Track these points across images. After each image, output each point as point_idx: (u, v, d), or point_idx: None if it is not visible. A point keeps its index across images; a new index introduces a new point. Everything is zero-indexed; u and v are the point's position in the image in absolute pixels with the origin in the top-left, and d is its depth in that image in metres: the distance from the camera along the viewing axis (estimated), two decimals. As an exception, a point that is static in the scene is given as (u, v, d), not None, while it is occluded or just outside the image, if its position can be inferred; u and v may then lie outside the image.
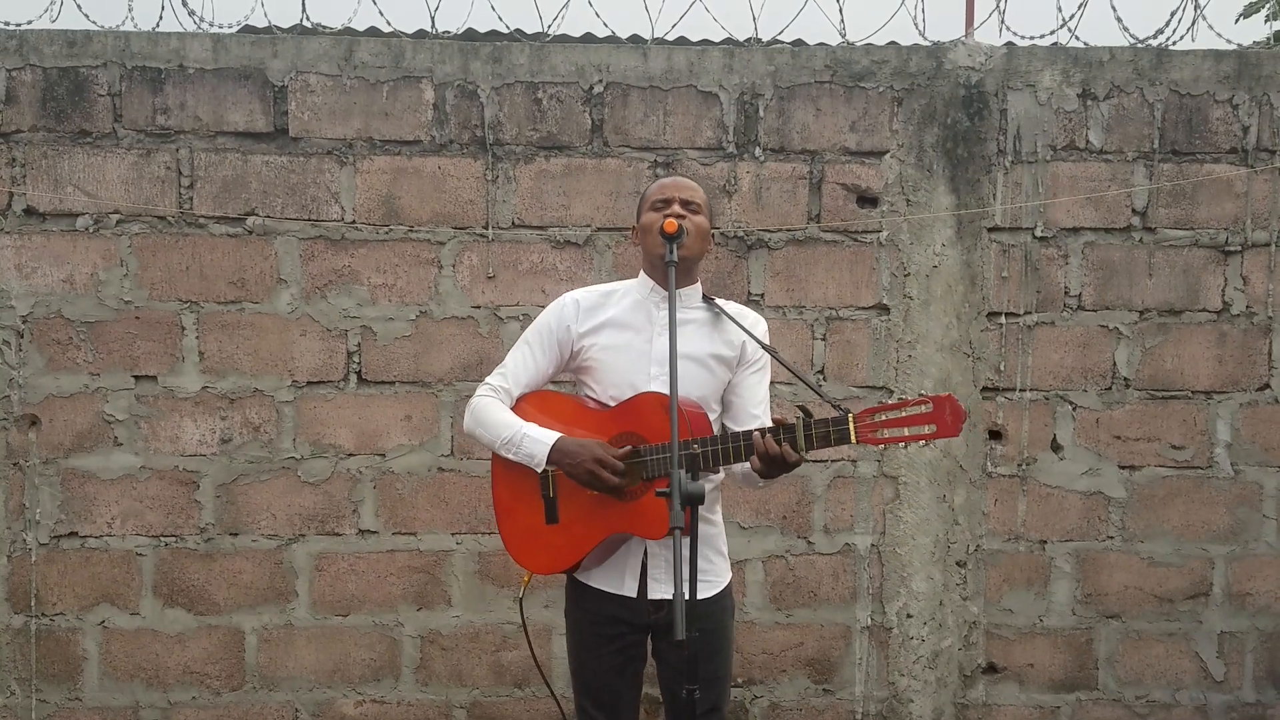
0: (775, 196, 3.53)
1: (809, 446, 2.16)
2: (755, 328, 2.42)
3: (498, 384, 2.43)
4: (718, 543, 2.44)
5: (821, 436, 2.15)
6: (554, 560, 2.38)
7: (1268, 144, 3.55)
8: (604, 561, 2.36)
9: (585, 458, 2.25)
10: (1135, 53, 3.55)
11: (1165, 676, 3.63)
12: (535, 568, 2.41)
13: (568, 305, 2.42)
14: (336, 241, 3.47)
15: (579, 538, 2.33)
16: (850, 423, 2.12)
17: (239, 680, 3.50)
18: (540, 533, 2.37)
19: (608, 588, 2.36)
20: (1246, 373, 3.59)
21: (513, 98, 3.48)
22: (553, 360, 2.43)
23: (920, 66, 3.54)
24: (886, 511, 3.58)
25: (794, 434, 2.16)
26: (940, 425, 2.08)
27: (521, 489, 2.38)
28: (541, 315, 2.46)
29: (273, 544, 3.49)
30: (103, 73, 3.41)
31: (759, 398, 2.42)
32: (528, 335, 2.45)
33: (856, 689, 3.60)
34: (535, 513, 2.37)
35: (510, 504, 2.42)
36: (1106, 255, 3.57)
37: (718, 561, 2.43)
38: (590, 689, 2.43)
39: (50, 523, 3.44)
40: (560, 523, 2.34)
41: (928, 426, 2.09)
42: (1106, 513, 3.60)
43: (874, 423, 2.12)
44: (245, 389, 3.47)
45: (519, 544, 2.41)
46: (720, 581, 2.42)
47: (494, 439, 2.37)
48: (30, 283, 3.42)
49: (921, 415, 2.09)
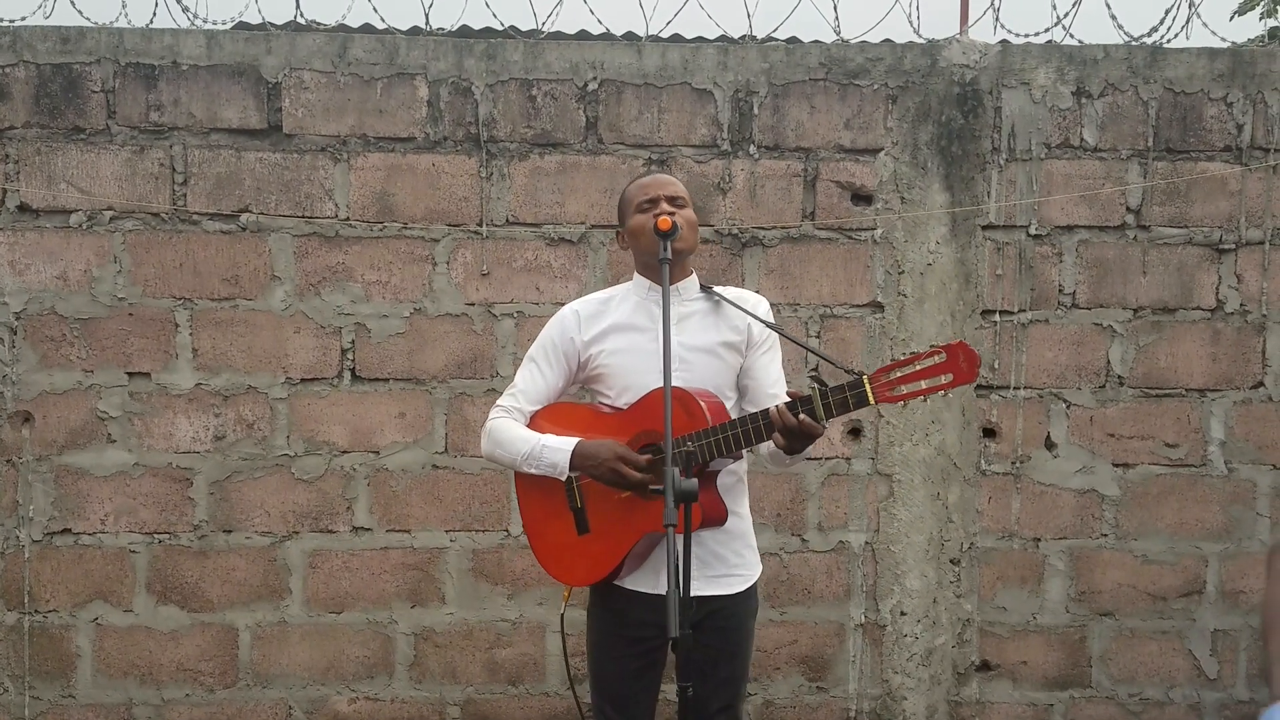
0: (770, 194, 3.53)
1: (828, 415, 2.11)
2: (757, 308, 2.40)
3: (509, 404, 2.42)
4: (748, 537, 2.41)
5: (840, 403, 2.10)
6: (592, 570, 2.34)
7: (1262, 142, 3.55)
8: (642, 564, 2.33)
9: (607, 456, 2.24)
10: (1130, 51, 3.55)
11: (1159, 674, 3.63)
12: (576, 581, 2.38)
13: (568, 317, 2.42)
14: (330, 238, 3.47)
15: (612, 544, 2.30)
16: (866, 384, 2.08)
17: (232, 677, 3.50)
18: (574, 545, 2.35)
19: (643, 588, 2.33)
20: (1240, 371, 3.59)
21: (507, 95, 3.48)
22: (561, 374, 2.41)
23: (915, 64, 3.54)
24: (880, 509, 3.58)
25: (811, 405, 2.12)
26: (956, 372, 2.02)
27: (549, 505, 2.37)
28: (544, 331, 2.44)
29: (266, 541, 3.49)
30: (96, 69, 3.40)
31: (774, 376, 2.40)
32: (533, 353, 2.44)
33: (850, 686, 3.60)
34: (566, 526, 2.35)
35: (540, 522, 2.40)
36: (1100, 253, 3.57)
37: (747, 555, 2.40)
38: (608, 690, 2.41)
39: (44, 519, 3.44)
40: (592, 532, 2.32)
41: (944, 376, 2.03)
42: (1100, 510, 3.60)
43: (890, 380, 2.06)
44: (239, 386, 3.47)
45: (555, 561, 2.39)
46: (750, 576, 2.39)
47: (514, 456, 2.35)
48: (24, 279, 3.41)
49: (936, 366, 2.03)
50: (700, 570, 2.22)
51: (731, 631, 2.32)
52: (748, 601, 2.39)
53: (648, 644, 2.34)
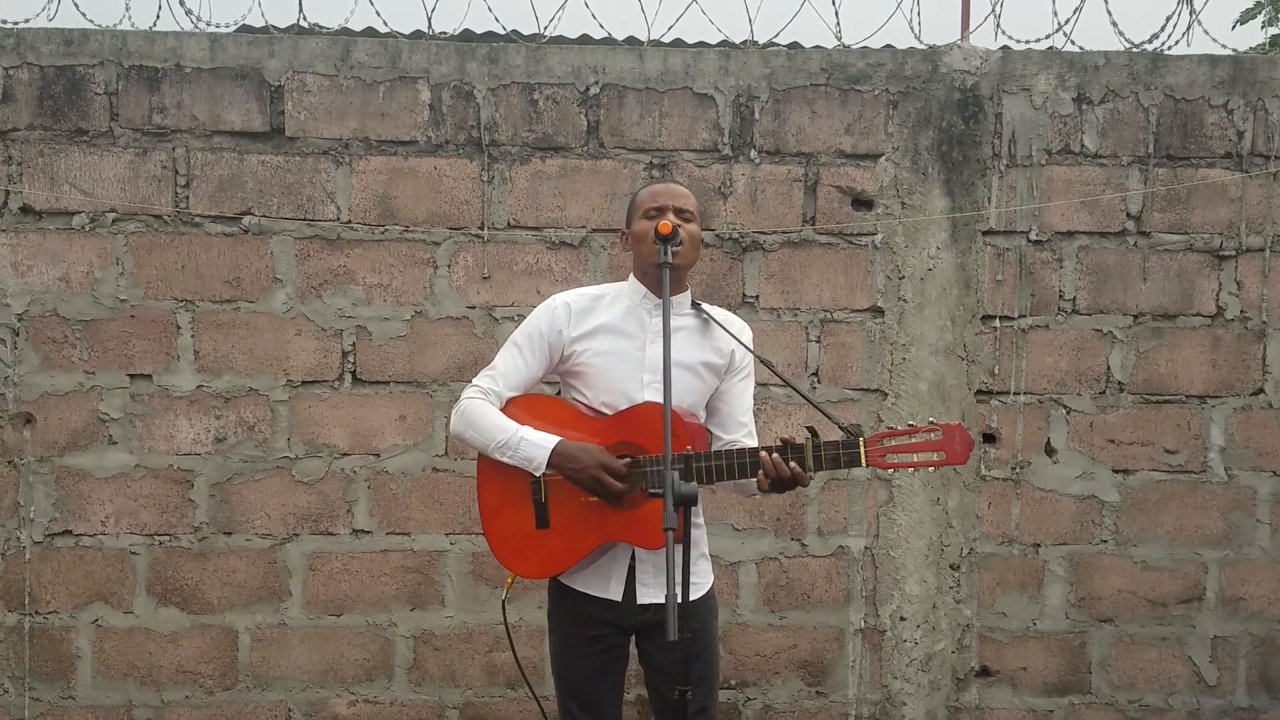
0: (770, 199, 3.54)
1: (817, 467, 2.18)
2: (742, 334, 2.42)
3: (487, 386, 2.39)
4: (702, 545, 2.44)
5: (831, 459, 2.18)
6: (546, 565, 2.36)
7: (1262, 149, 3.56)
8: (589, 566, 2.35)
9: (590, 463, 2.24)
10: (1130, 57, 3.56)
11: (1158, 681, 3.63)
12: (525, 572, 2.39)
13: (559, 309, 2.39)
14: (332, 241, 3.48)
15: (573, 543, 2.31)
16: (861, 446, 2.15)
17: (232, 680, 3.50)
18: (530, 537, 2.35)
19: (592, 591, 2.35)
20: (1240, 377, 3.59)
21: (509, 99, 3.48)
22: (542, 363, 2.40)
23: (916, 70, 3.54)
24: (880, 514, 3.58)
25: (802, 454, 2.17)
26: (949, 453, 2.13)
27: (510, 492, 2.36)
28: (531, 317, 2.42)
29: (266, 543, 3.49)
30: (99, 71, 3.41)
31: (745, 405, 2.44)
32: (516, 337, 2.42)
33: (849, 691, 3.60)
34: (525, 517, 2.35)
35: (497, 507, 2.39)
36: (1101, 259, 3.58)
37: (701, 565, 2.43)
38: (574, 690, 2.42)
39: (44, 521, 3.44)
40: (552, 528, 2.33)
41: (936, 454, 2.14)
42: (1100, 516, 3.60)
43: (884, 448, 2.15)
44: (240, 388, 3.47)
45: (506, 548, 2.39)
46: (705, 584, 2.44)
47: (487, 442, 2.33)
48: (26, 281, 3.42)
49: (931, 443, 2.13)
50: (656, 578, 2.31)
51: (697, 633, 2.31)
52: (708, 602, 2.44)
53: (607, 640, 2.37)
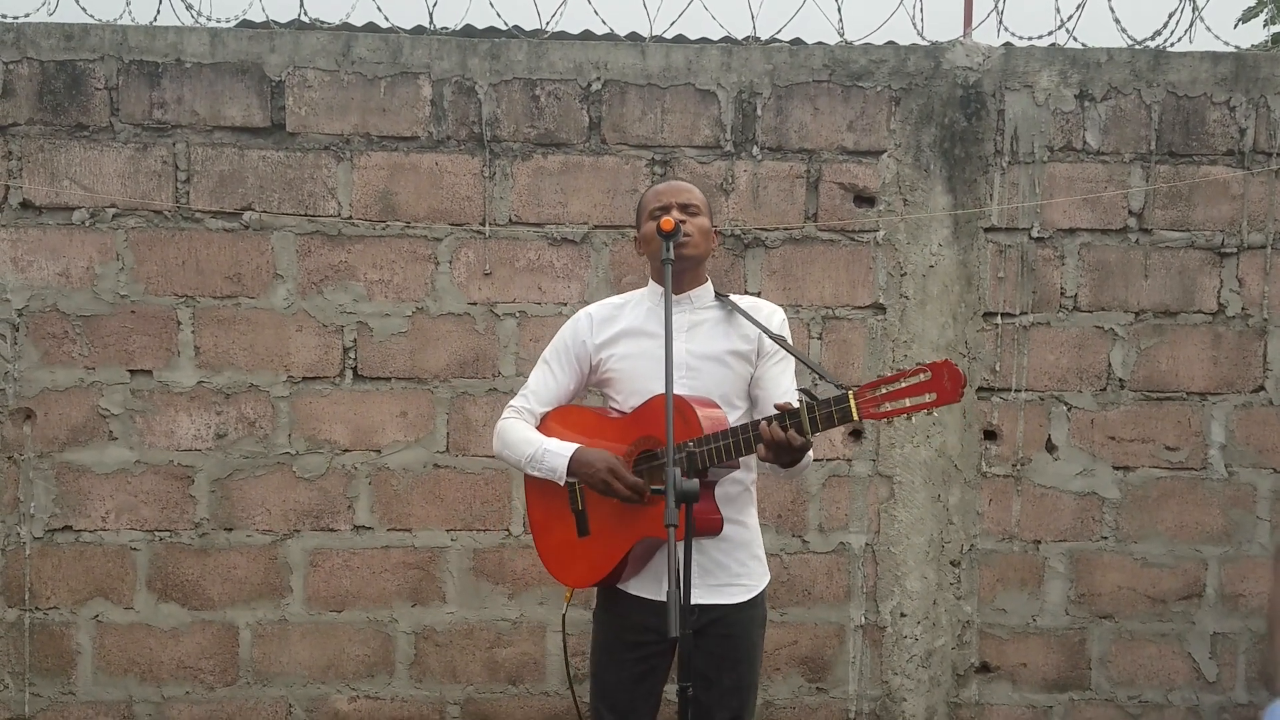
0: (772, 195, 3.53)
1: (813, 429, 2.14)
2: (771, 319, 2.40)
3: (521, 405, 2.45)
4: (753, 546, 2.42)
5: (825, 417, 2.13)
6: (590, 572, 2.36)
7: (1264, 146, 3.56)
8: (643, 569, 2.34)
9: (601, 467, 2.26)
10: (1133, 54, 3.56)
11: (1158, 677, 3.64)
12: (573, 582, 2.40)
13: (581, 320, 2.46)
14: (333, 237, 3.47)
15: (610, 547, 2.32)
16: (851, 400, 2.11)
17: (233, 675, 3.50)
18: (575, 546, 2.37)
19: (645, 594, 2.34)
20: (1241, 375, 3.60)
21: (510, 94, 3.48)
22: (573, 376, 2.45)
23: (918, 66, 3.54)
24: (881, 511, 3.58)
25: (798, 418, 2.15)
26: (940, 392, 2.05)
27: (553, 506, 2.39)
28: (559, 333, 2.49)
29: (267, 539, 3.49)
30: (100, 66, 3.40)
31: (785, 387, 2.39)
32: (546, 354, 2.48)
33: (850, 688, 3.60)
34: (568, 527, 2.37)
35: (544, 522, 2.43)
36: (1102, 256, 3.58)
37: (752, 565, 2.40)
38: (608, 695, 2.41)
39: (44, 516, 3.44)
40: (592, 534, 2.35)
41: (928, 395, 2.06)
42: (1100, 513, 3.60)
43: (874, 397, 2.09)
44: (241, 384, 3.47)
45: (556, 561, 2.42)
46: (755, 586, 2.40)
47: (518, 458, 2.38)
48: (26, 276, 3.41)
49: (920, 384, 2.06)
50: (701, 578, 2.22)
51: (735, 640, 2.32)
52: (752, 610, 2.39)
53: (648, 649, 2.34)
